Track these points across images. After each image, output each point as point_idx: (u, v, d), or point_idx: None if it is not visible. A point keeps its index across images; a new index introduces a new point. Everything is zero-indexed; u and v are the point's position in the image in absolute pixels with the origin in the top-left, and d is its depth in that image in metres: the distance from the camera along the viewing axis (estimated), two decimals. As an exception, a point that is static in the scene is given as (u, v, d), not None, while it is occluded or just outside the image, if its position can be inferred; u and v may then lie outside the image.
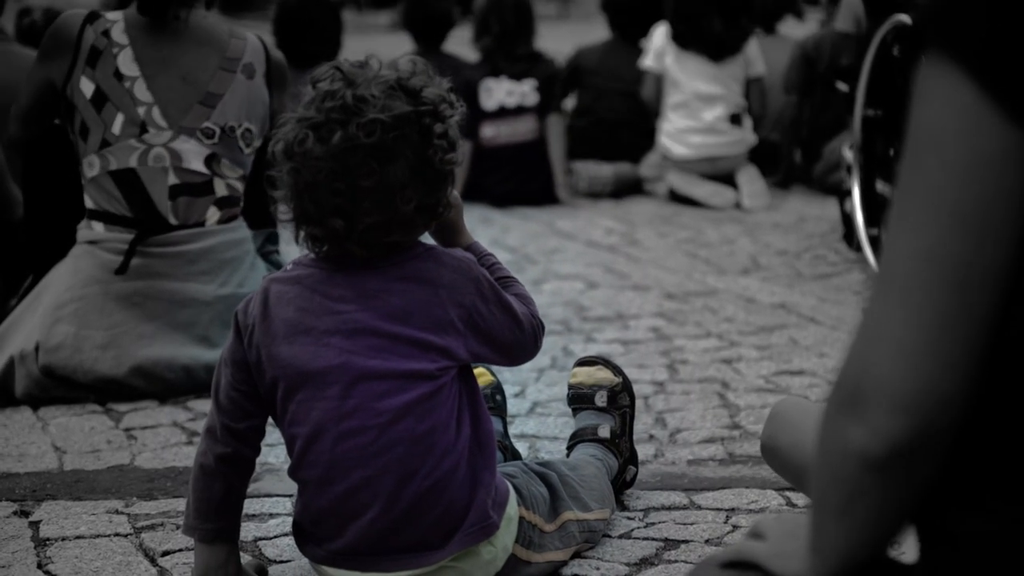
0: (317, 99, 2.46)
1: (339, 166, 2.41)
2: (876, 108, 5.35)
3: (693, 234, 6.28)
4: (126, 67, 3.99)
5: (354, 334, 2.48)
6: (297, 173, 2.44)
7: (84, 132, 3.99)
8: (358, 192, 2.42)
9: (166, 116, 3.98)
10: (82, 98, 3.99)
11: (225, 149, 4.01)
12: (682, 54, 7.03)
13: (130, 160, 3.96)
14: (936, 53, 1.28)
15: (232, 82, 4.04)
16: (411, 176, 2.45)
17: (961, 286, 1.27)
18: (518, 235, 6.32)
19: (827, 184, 6.92)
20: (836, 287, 5.20)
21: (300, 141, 2.43)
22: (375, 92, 2.44)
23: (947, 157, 1.27)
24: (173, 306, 3.99)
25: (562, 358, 4.33)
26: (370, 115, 2.41)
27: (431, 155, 2.46)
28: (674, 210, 6.87)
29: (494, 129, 7.06)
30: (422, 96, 2.48)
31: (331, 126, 2.42)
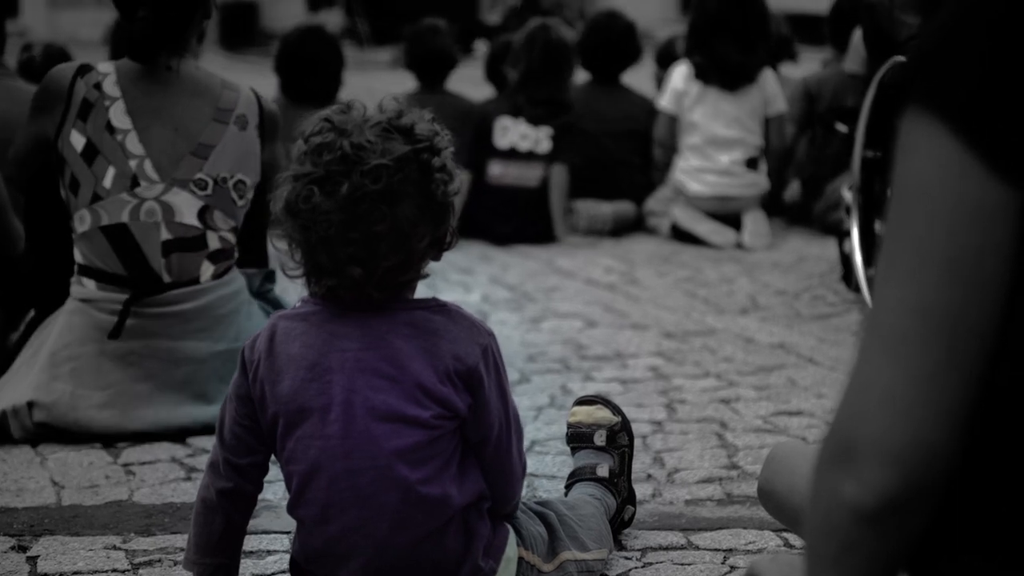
0: (312, 153, 2.46)
1: (351, 216, 2.42)
2: (875, 149, 5.37)
3: (692, 273, 6.29)
4: (118, 120, 3.97)
5: (356, 374, 2.49)
6: (307, 230, 2.45)
7: (75, 186, 3.96)
8: (373, 239, 2.43)
9: (158, 169, 3.95)
10: (72, 152, 3.96)
11: (218, 201, 3.97)
12: (702, 93, 7.02)
13: (122, 215, 3.92)
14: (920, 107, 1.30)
15: (224, 133, 4.01)
16: (420, 213, 2.46)
17: (949, 337, 1.28)
18: (517, 273, 6.33)
19: (827, 223, 6.94)
20: (835, 327, 5.21)
21: (305, 198, 2.43)
22: (371, 138, 2.45)
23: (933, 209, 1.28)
24: (169, 365, 3.96)
25: (560, 396, 4.34)
26: (373, 161, 2.42)
27: (434, 189, 2.48)
28: (673, 249, 6.88)
29: (502, 168, 7.05)
30: (416, 133, 2.50)
31: (335, 178, 2.43)
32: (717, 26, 6.94)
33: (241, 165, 4.02)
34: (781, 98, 7.08)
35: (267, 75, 7.70)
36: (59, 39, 7.71)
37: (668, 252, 6.81)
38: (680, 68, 7.16)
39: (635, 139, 7.45)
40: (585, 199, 7.23)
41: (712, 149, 7.03)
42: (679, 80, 7.11)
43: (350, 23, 16.51)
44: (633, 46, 7.62)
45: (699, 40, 7.01)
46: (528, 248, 6.89)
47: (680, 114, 7.12)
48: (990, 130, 1.26)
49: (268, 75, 7.61)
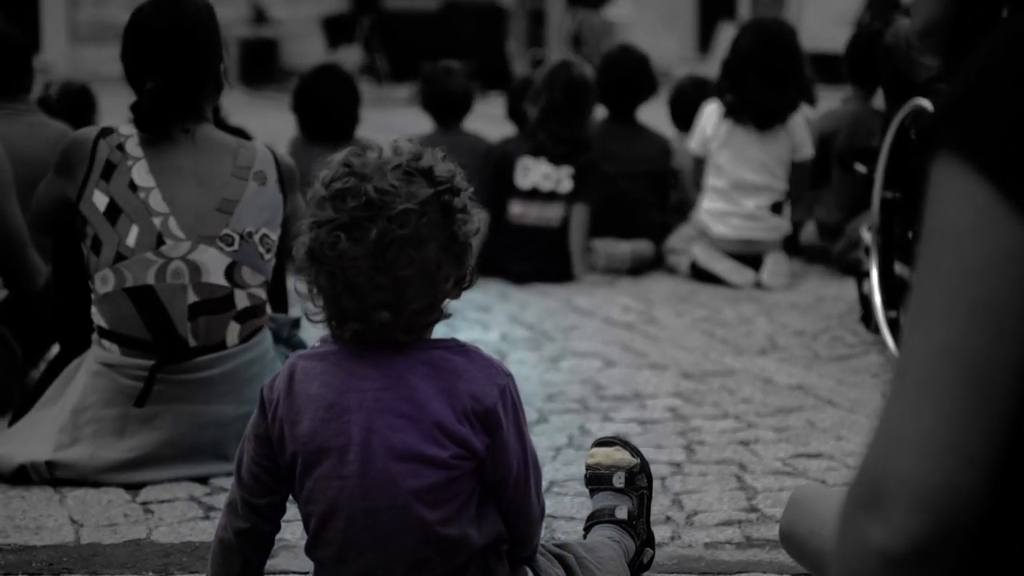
0: (334, 199, 2.46)
1: (379, 262, 2.42)
2: (895, 190, 5.37)
3: (711, 313, 6.29)
4: (141, 178, 3.94)
5: (375, 413, 2.49)
6: (333, 276, 2.45)
7: (96, 246, 3.92)
8: (401, 283, 2.43)
9: (183, 226, 3.90)
10: (95, 212, 3.93)
11: (245, 256, 3.93)
12: (730, 135, 7.01)
13: (147, 276, 3.88)
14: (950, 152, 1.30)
15: (246, 189, 3.98)
16: (444, 255, 2.47)
17: (980, 381, 1.27)
18: (536, 312, 6.33)
19: (846, 263, 6.93)
20: (854, 369, 5.20)
21: (331, 244, 2.43)
22: (394, 182, 2.45)
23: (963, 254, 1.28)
24: (193, 428, 3.91)
25: (579, 437, 4.33)
26: (399, 206, 2.42)
27: (456, 230, 2.48)
28: (692, 288, 6.87)
29: (523, 208, 7.06)
30: (436, 175, 2.50)
31: (362, 224, 2.42)
32: (750, 66, 6.93)
33: (266, 220, 3.99)
34: (809, 144, 7.07)
35: (287, 111, 7.71)
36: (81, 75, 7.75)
37: (686, 291, 6.81)
38: (710, 108, 7.15)
39: (651, 179, 7.45)
40: (603, 238, 7.23)
41: (738, 193, 7.02)
42: (707, 122, 7.10)
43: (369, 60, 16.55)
44: (648, 80, 7.62)
45: (732, 80, 7.00)
46: (546, 287, 6.89)
47: (707, 155, 7.11)
48: (1020, 173, 1.26)
49: (288, 111, 7.62)
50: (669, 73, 17.32)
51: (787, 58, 6.97)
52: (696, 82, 8.24)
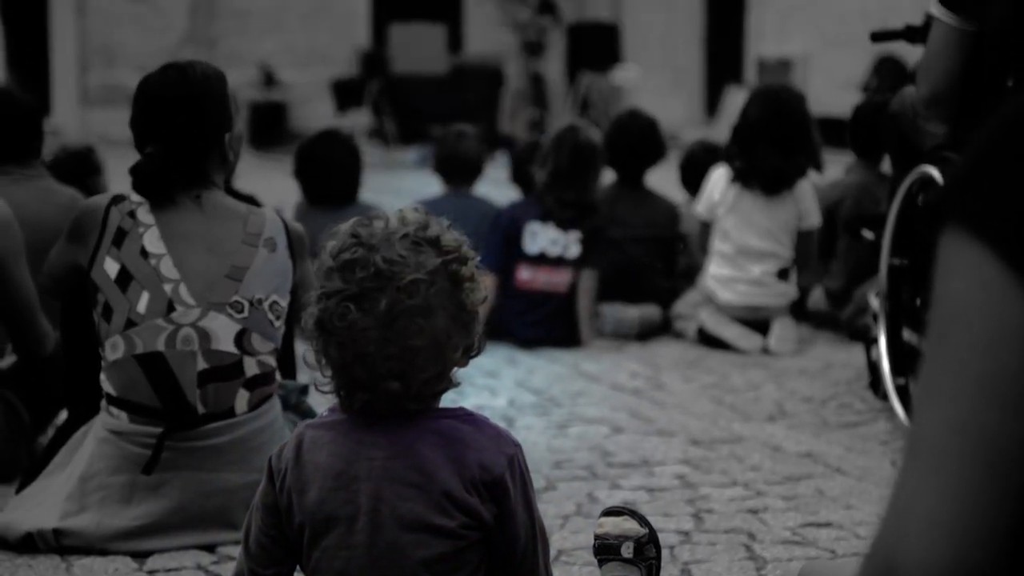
0: (343, 270, 2.46)
1: (389, 332, 2.43)
2: (902, 257, 5.37)
3: (719, 379, 6.28)
4: (152, 245, 3.95)
5: (384, 482, 2.49)
6: (342, 346, 2.45)
7: (107, 313, 3.92)
8: (411, 353, 2.44)
9: (194, 293, 3.91)
10: (106, 279, 3.94)
11: (255, 323, 3.94)
12: (737, 201, 7.02)
13: (157, 343, 3.88)
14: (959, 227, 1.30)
15: (256, 256, 3.99)
16: (453, 324, 2.47)
17: (991, 457, 1.27)
18: (543, 377, 6.33)
19: (854, 329, 6.93)
20: (862, 436, 5.19)
21: (341, 315, 2.43)
22: (402, 252, 2.45)
23: (973, 329, 1.28)
24: (200, 496, 3.90)
25: (587, 504, 4.32)
26: (408, 276, 2.43)
27: (464, 299, 2.49)
28: (699, 354, 6.87)
29: (531, 273, 7.07)
30: (443, 244, 2.51)
31: (371, 295, 2.43)
32: (759, 132, 6.95)
33: (275, 287, 3.99)
34: (816, 213, 7.09)
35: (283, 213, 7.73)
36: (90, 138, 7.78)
37: (694, 357, 6.80)
38: (718, 173, 7.16)
39: (659, 244, 7.47)
40: (611, 303, 7.24)
41: (744, 259, 7.04)
42: (715, 187, 7.12)
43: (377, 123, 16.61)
44: (656, 144, 7.64)
45: (740, 145, 7.03)
46: (554, 352, 6.89)
47: (714, 220, 7.13)
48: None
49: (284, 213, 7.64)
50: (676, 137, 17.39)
51: (796, 125, 6.99)
52: (706, 147, 8.27)
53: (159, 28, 18.19)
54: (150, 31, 18.08)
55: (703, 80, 18.51)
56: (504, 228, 7.11)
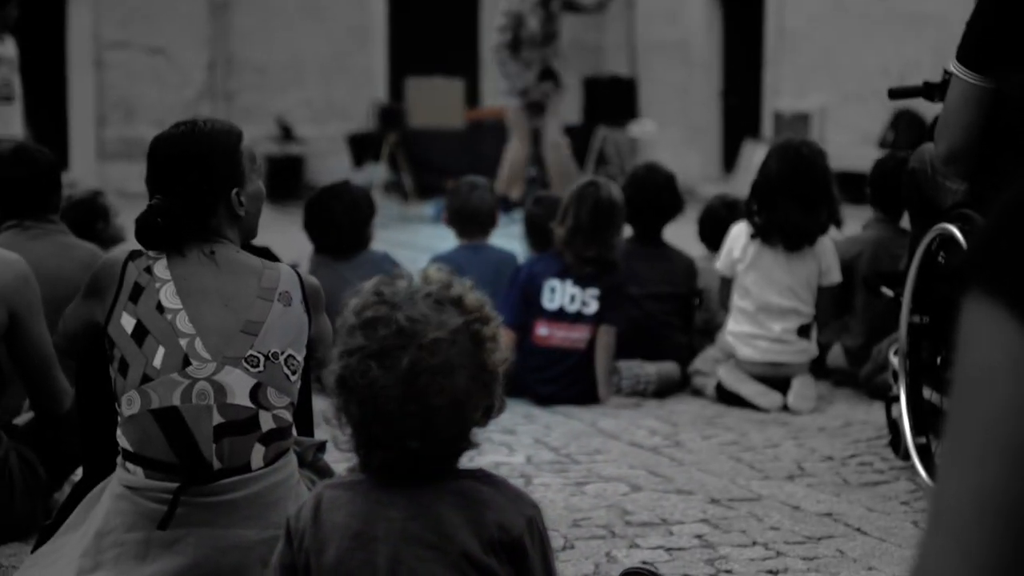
0: (365, 327, 2.46)
1: (410, 390, 2.42)
2: (922, 315, 5.35)
3: (737, 437, 6.25)
4: (168, 300, 3.95)
5: (402, 543, 2.47)
6: (363, 404, 2.44)
7: (124, 368, 3.91)
8: (432, 412, 2.43)
9: (209, 347, 3.90)
10: (123, 334, 3.93)
11: (271, 378, 3.92)
12: (757, 257, 7.01)
13: (173, 397, 3.86)
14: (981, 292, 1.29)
15: (271, 310, 3.98)
16: (473, 384, 2.46)
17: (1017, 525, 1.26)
18: (560, 434, 6.30)
19: (873, 387, 6.90)
20: (884, 496, 5.15)
21: (362, 372, 2.43)
22: (424, 310, 2.45)
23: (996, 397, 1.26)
24: (216, 552, 3.87)
25: (605, 564, 4.29)
26: (430, 335, 2.42)
27: (485, 359, 2.48)
28: (718, 411, 6.84)
29: (549, 330, 7.05)
30: (466, 304, 2.50)
31: (393, 352, 2.42)
32: (779, 188, 6.94)
33: (291, 341, 3.98)
34: (837, 270, 7.07)
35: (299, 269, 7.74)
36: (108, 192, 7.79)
37: (712, 414, 6.77)
38: (738, 229, 7.14)
39: (677, 301, 7.45)
40: (629, 360, 7.21)
41: (764, 316, 7.01)
42: (735, 244, 7.10)
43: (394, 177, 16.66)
44: (674, 199, 7.62)
45: (761, 201, 7.01)
46: (572, 409, 6.86)
47: (733, 276, 7.11)
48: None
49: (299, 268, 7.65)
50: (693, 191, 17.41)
51: (817, 180, 6.97)
52: (726, 201, 8.24)
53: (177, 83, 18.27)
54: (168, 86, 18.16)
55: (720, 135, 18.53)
56: (522, 284, 7.10)
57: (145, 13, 18.26)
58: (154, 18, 18.28)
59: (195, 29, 18.18)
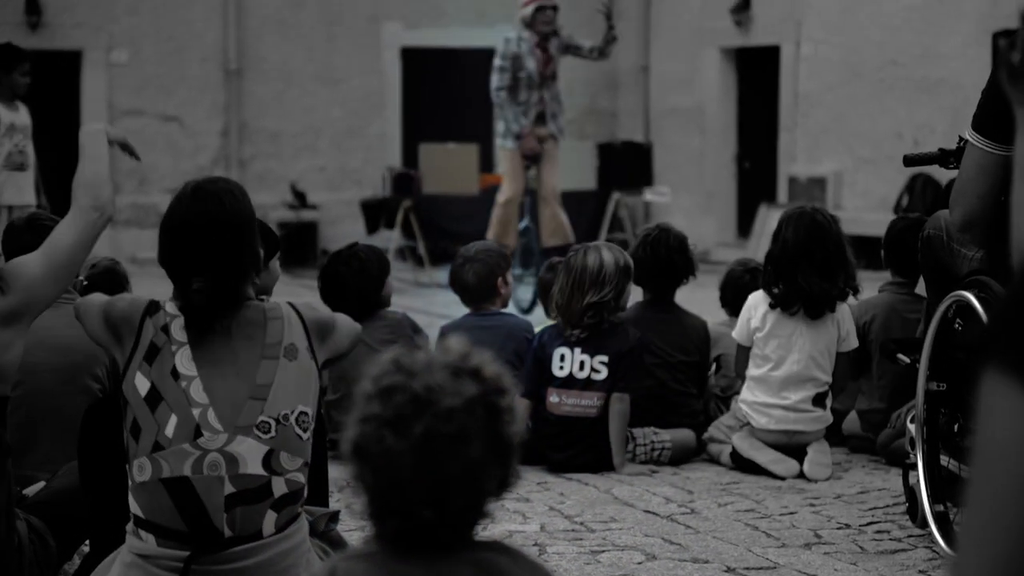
0: (381, 395, 2.45)
1: (423, 458, 2.40)
2: (939, 382, 5.32)
3: (753, 504, 6.21)
4: (183, 366, 3.92)
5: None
6: (377, 472, 2.42)
7: (136, 431, 3.89)
8: (445, 481, 2.41)
9: (221, 418, 3.87)
10: (136, 395, 3.90)
11: (282, 442, 3.89)
12: (775, 327, 6.97)
13: (184, 467, 3.84)
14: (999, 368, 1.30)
15: (277, 369, 3.94)
16: (489, 455, 2.45)
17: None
18: (575, 502, 6.26)
19: (890, 453, 6.86)
20: (902, 564, 5.11)
21: (377, 440, 2.41)
22: (441, 380, 2.43)
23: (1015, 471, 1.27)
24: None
25: (621, 636, 4.25)
26: (445, 403, 2.41)
27: (501, 430, 2.46)
28: (733, 478, 6.80)
29: (559, 397, 7.03)
30: (484, 375, 2.48)
31: (408, 420, 2.41)
32: (799, 255, 6.92)
33: (300, 396, 3.95)
34: (854, 335, 7.05)
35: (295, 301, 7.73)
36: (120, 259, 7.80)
37: (728, 481, 6.73)
38: (755, 297, 7.11)
39: (691, 369, 7.40)
40: (643, 427, 7.18)
41: (781, 385, 6.97)
42: (754, 312, 7.06)
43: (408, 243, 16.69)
44: (686, 262, 7.58)
45: (779, 270, 6.98)
46: (586, 476, 6.82)
47: (750, 345, 7.07)
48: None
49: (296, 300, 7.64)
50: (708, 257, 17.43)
51: (834, 246, 6.96)
52: (748, 267, 8.19)
53: (191, 150, 18.36)
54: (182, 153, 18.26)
55: (735, 200, 18.57)
56: (533, 353, 7.09)
57: (159, 81, 18.36)
58: (168, 86, 18.39)
59: (209, 96, 18.29)
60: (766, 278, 7.09)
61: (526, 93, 12.44)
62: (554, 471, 6.90)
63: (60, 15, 17.60)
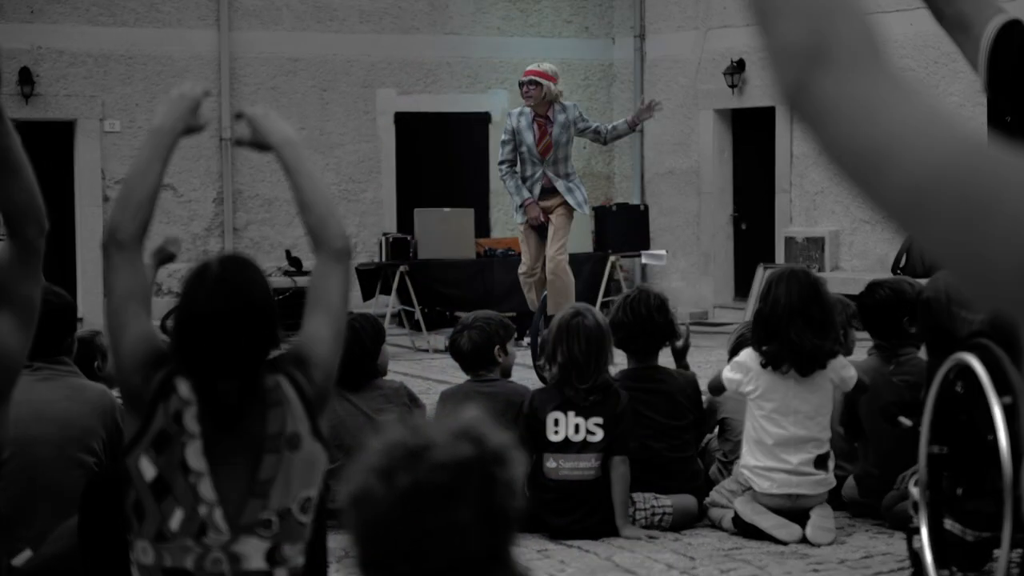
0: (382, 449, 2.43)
1: (407, 510, 2.37)
2: (941, 445, 5.28)
3: (756, 571, 6.15)
4: (194, 460, 3.77)
5: None
6: (363, 521, 2.40)
7: (139, 512, 3.79)
8: (425, 535, 2.37)
9: (227, 517, 3.76)
10: (141, 479, 3.78)
11: (285, 535, 3.79)
12: (769, 389, 6.93)
13: (186, 561, 3.76)
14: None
15: (280, 464, 3.80)
16: (479, 521, 2.40)
17: None
18: (576, 570, 6.21)
19: (895, 515, 6.81)
20: (907, 631, 5.05)
21: (366, 488, 2.39)
22: (439, 439, 2.41)
23: None
24: None
25: None
26: (437, 458, 2.38)
27: (496, 500, 2.42)
28: (736, 543, 6.73)
29: (556, 462, 6.98)
30: (486, 442, 2.45)
31: (397, 470, 2.38)
32: (790, 314, 6.90)
33: (304, 483, 3.82)
34: (852, 370, 7.00)
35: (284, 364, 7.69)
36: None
37: (731, 547, 6.67)
38: (747, 356, 7.06)
39: (684, 432, 7.32)
40: (644, 492, 7.12)
41: (781, 448, 6.92)
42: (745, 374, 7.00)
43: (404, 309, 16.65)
44: (667, 322, 7.53)
45: (769, 330, 6.95)
46: (586, 543, 6.76)
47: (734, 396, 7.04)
48: None
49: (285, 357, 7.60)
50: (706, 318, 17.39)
51: (825, 303, 6.96)
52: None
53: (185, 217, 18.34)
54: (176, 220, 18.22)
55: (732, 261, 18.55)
56: (526, 419, 7.05)
57: (155, 149, 18.35)
58: (164, 154, 18.37)
59: (203, 164, 18.28)
60: (756, 337, 7.06)
61: (529, 167, 12.47)
62: (555, 538, 6.83)
63: (53, 85, 17.62)
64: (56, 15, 17.61)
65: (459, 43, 19.10)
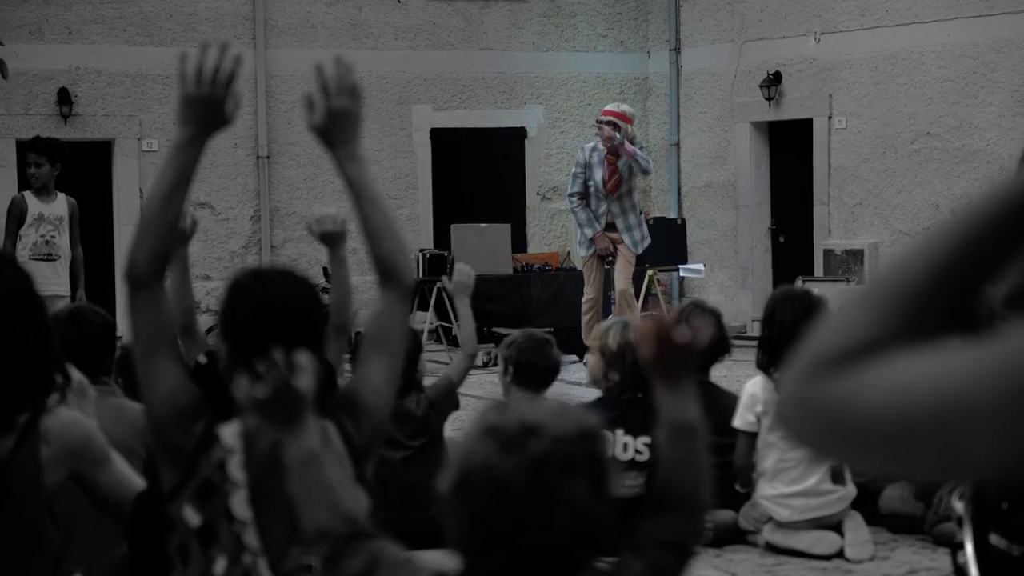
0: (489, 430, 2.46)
1: (534, 479, 2.42)
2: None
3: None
4: (239, 509, 3.72)
5: None
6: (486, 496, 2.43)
7: (184, 556, 3.75)
8: (555, 503, 2.42)
9: (270, 565, 3.72)
10: (185, 525, 3.73)
11: None
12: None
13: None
14: None
15: None
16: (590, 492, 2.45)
17: None
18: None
19: (939, 534, 6.74)
20: (954, 648, 4.99)
21: (488, 465, 2.43)
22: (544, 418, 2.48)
23: None
24: None
25: None
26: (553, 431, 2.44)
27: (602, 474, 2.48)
28: (777, 560, 6.68)
29: (606, 479, 6.94)
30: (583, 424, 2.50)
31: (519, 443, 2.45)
32: (797, 335, 6.83)
33: None
34: None
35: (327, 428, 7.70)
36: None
37: (772, 563, 6.62)
38: (754, 384, 7.01)
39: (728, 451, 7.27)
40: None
41: (796, 471, 6.86)
42: (755, 402, 6.96)
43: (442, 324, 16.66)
44: (721, 339, 7.49)
45: (776, 352, 6.90)
46: (628, 560, 6.71)
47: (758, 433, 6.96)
48: None
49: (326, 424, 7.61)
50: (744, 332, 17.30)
51: None
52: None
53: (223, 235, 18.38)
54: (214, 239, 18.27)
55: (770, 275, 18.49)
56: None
57: (192, 167, 18.42)
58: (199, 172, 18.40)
59: (240, 182, 18.32)
60: (763, 362, 7.01)
61: (595, 202, 12.71)
62: (597, 555, 6.79)
63: (91, 105, 17.69)
64: (94, 36, 17.69)
65: (494, 58, 19.10)
